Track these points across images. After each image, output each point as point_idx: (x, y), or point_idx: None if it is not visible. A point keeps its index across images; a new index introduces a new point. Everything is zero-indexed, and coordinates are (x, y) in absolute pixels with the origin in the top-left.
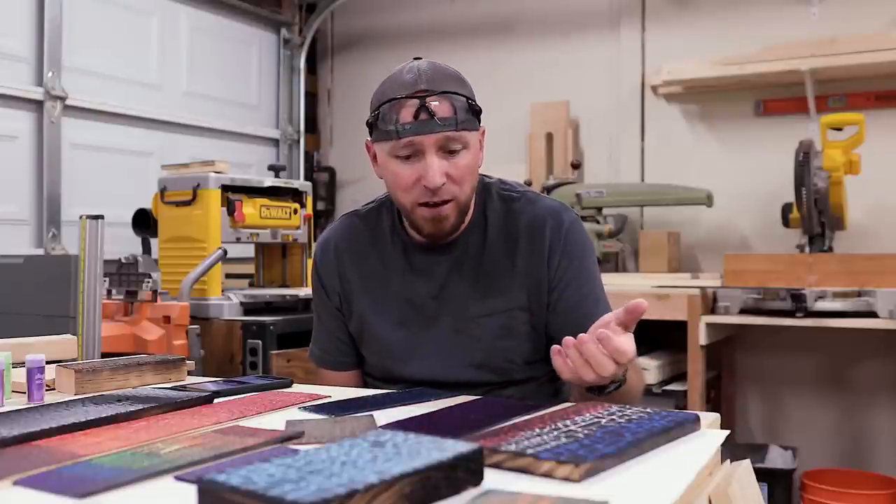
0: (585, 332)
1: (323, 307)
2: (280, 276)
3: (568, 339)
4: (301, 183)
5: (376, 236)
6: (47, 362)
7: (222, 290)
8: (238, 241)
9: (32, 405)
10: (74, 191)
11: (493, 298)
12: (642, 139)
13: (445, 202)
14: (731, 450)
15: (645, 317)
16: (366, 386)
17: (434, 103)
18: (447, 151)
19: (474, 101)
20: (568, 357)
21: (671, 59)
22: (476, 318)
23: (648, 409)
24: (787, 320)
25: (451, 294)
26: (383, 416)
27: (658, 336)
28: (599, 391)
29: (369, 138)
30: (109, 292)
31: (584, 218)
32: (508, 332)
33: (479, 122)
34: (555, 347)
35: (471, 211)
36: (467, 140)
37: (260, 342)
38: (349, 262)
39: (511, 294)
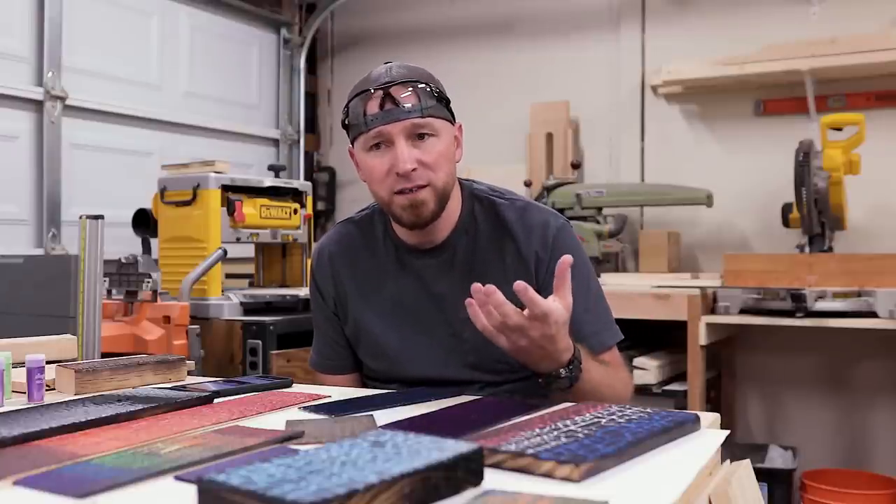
0: (573, 337)
1: (320, 312)
2: (280, 276)
3: (477, 286)
4: (301, 183)
5: (369, 241)
6: (47, 362)
7: (222, 290)
8: (238, 241)
9: (32, 405)
10: (74, 191)
11: None
12: (642, 139)
13: (421, 187)
14: (731, 450)
15: (645, 317)
16: (365, 388)
17: (398, 93)
18: (416, 138)
19: (441, 92)
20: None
21: (671, 59)
22: (467, 319)
23: (648, 409)
24: (787, 320)
25: (441, 295)
26: (383, 416)
27: (658, 336)
28: (549, 383)
29: (351, 145)
30: (109, 292)
31: (584, 218)
32: None
33: (452, 114)
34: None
35: (458, 214)
36: (436, 127)
37: (260, 342)
38: (343, 267)
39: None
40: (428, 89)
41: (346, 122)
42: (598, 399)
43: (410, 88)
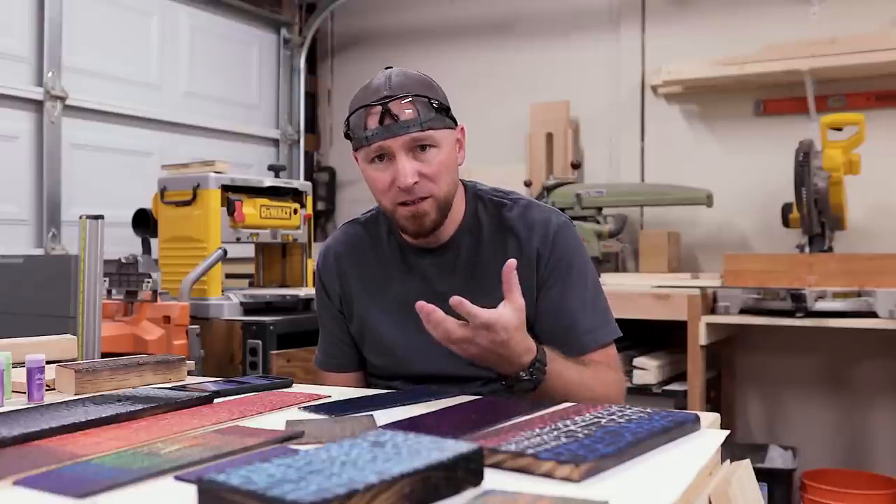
0: (566, 334)
1: (326, 311)
2: (280, 276)
3: (419, 305)
4: (301, 183)
5: (375, 241)
6: (47, 362)
7: (222, 290)
8: (238, 241)
9: (32, 405)
10: (74, 191)
11: (486, 297)
12: (642, 139)
13: (423, 199)
14: (731, 450)
15: (645, 317)
16: (369, 386)
17: (397, 107)
18: (417, 150)
19: (440, 101)
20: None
21: (671, 59)
22: None
23: (648, 409)
24: (787, 320)
25: (445, 295)
26: (383, 416)
27: (658, 336)
28: (510, 386)
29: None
30: (109, 292)
31: (584, 218)
32: None
33: (453, 121)
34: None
35: (462, 214)
36: (436, 139)
37: (260, 342)
38: (349, 266)
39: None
40: (427, 100)
41: (348, 134)
42: (573, 401)
43: (409, 101)
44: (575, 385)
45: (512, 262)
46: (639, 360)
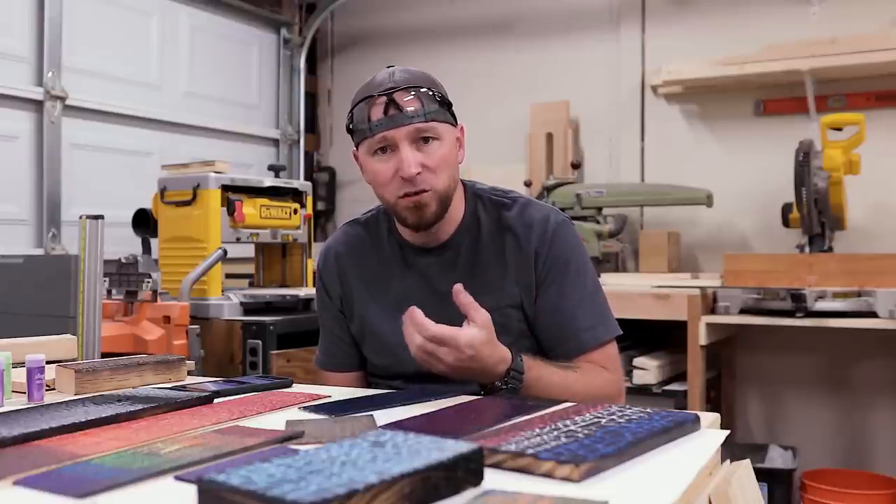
0: (565, 332)
1: (326, 311)
2: (280, 276)
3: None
4: (301, 183)
5: (375, 241)
6: (47, 362)
7: (222, 290)
8: (238, 241)
9: (32, 405)
10: (74, 191)
11: (486, 297)
12: (642, 139)
13: (425, 191)
14: (731, 450)
15: (645, 317)
16: (370, 386)
17: (401, 98)
18: (420, 142)
19: (443, 96)
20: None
21: (671, 59)
22: None
23: (648, 409)
24: (787, 320)
25: (445, 294)
26: (383, 416)
27: (658, 336)
28: (488, 394)
29: (355, 148)
30: (109, 292)
31: (584, 218)
32: (503, 329)
33: (454, 117)
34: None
35: (462, 214)
36: (439, 131)
37: (260, 342)
38: (349, 265)
39: (503, 293)
40: (430, 93)
41: (351, 127)
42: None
43: (413, 93)
44: (557, 389)
45: (459, 286)
46: (639, 360)
